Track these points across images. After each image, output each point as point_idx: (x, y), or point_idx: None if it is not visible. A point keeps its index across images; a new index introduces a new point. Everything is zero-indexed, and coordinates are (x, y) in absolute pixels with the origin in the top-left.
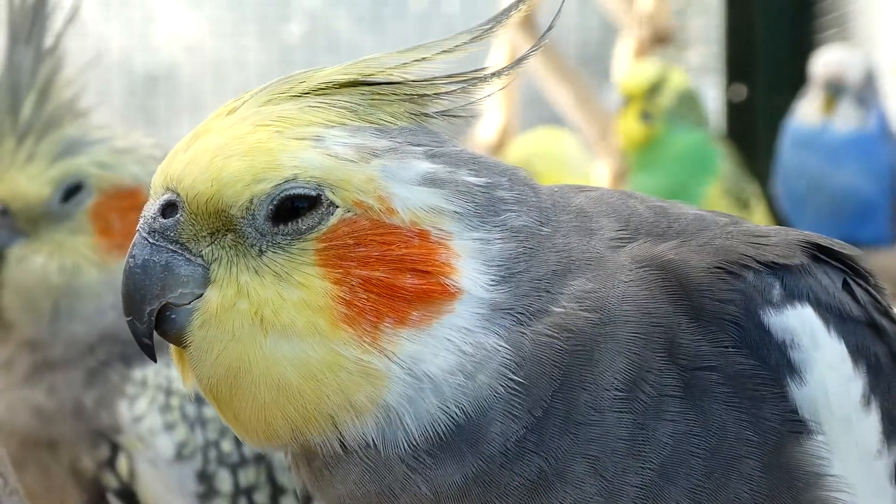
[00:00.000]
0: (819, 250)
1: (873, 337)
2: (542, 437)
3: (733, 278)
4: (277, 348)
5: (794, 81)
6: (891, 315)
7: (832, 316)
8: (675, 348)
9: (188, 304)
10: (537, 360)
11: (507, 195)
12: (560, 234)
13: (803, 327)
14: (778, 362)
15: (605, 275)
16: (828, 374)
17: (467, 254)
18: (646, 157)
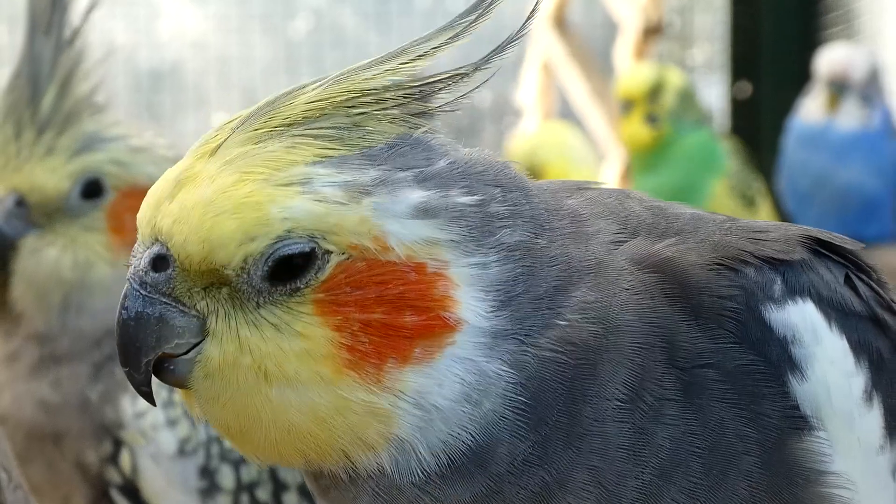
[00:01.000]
0: (819, 245)
1: (875, 332)
2: (546, 451)
3: (733, 274)
4: (284, 397)
5: (800, 79)
6: (894, 310)
7: (834, 311)
8: (675, 351)
9: (185, 353)
10: (542, 377)
11: (501, 209)
12: (557, 244)
13: (805, 323)
14: (779, 358)
15: (605, 282)
16: (829, 369)
17: (465, 282)
18: (652, 159)
